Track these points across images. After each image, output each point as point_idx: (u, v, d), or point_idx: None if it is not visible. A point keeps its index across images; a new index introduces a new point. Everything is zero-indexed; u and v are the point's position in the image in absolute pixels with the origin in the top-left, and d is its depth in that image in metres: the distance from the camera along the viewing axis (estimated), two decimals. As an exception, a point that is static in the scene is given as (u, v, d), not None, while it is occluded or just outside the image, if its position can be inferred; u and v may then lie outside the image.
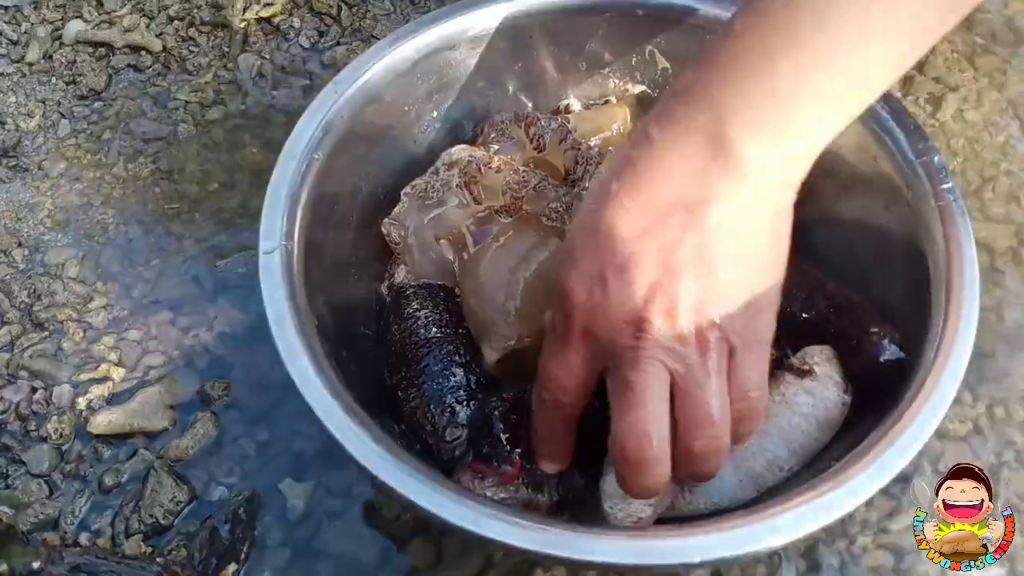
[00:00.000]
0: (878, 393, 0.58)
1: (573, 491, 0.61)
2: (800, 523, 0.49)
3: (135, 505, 0.66)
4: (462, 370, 0.63)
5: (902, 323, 0.60)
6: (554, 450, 0.57)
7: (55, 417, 0.70)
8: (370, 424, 0.53)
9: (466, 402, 0.61)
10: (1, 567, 0.54)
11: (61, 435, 0.70)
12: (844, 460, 0.52)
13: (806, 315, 0.62)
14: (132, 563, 0.60)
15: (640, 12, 0.72)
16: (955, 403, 0.69)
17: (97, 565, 0.59)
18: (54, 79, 0.92)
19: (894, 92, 0.85)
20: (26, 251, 0.80)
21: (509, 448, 0.58)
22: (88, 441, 0.70)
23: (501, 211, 0.68)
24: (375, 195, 0.71)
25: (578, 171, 0.71)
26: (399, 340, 0.65)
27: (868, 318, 0.61)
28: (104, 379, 0.73)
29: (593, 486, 0.59)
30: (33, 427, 0.70)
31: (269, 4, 0.96)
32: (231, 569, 0.63)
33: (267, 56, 0.92)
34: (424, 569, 0.64)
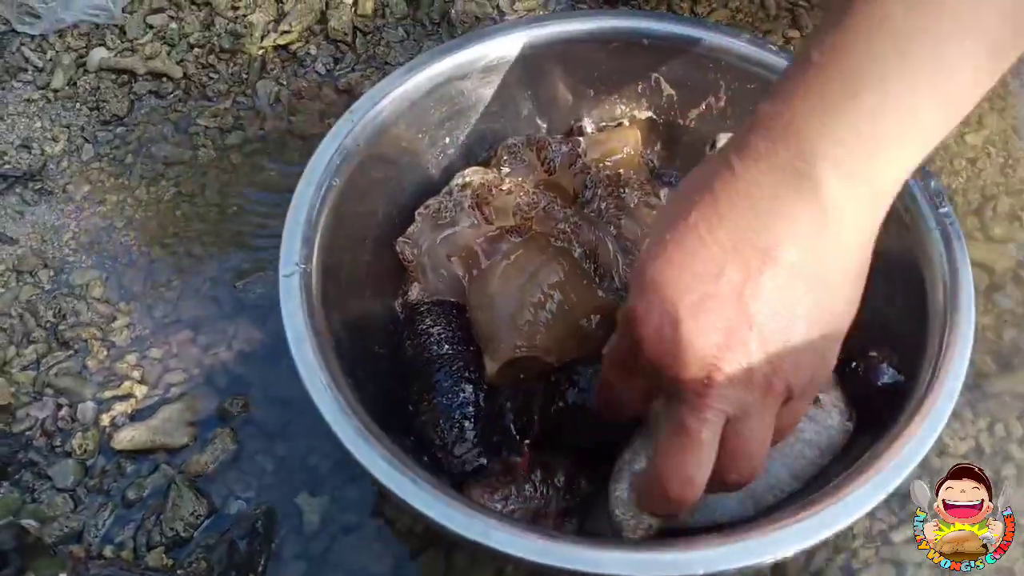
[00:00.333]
0: (875, 414, 0.59)
1: (580, 498, 0.62)
2: (800, 537, 0.50)
3: (156, 519, 0.67)
4: (472, 386, 0.64)
5: (900, 344, 0.61)
6: (612, 414, 0.57)
7: (79, 433, 0.72)
8: (384, 440, 0.55)
9: (475, 418, 0.62)
10: (30, 578, 0.56)
11: (85, 451, 0.71)
12: (842, 477, 0.54)
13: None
14: (154, 575, 0.62)
15: (645, 41, 0.74)
16: (955, 420, 0.72)
17: (121, 576, 0.60)
18: (78, 105, 0.94)
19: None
20: (51, 272, 0.82)
21: (519, 439, 0.60)
22: (111, 456, 0.71)
23: (511, 231, 0.70)
24: (390, 217, 0.72)
25: (587, 194, 0.73)
26: (412, 355, 0.66)
27: (867, 341, 0.61)
28: (127, 396, 0.74)
29: (599, 493, 0.61)
30: (58, 443, 0.72)
31: (286, 32, 0.97)
32: (249, 581, 0.64)
33: (284, 82, 0.94)
34: (436, 581, 0.65)
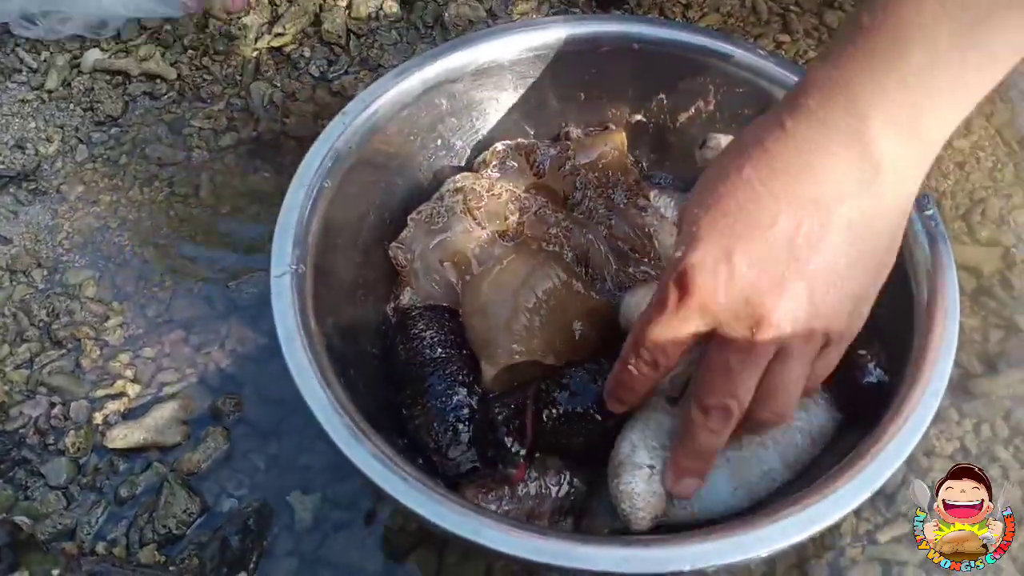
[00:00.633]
0: (863, 409, 0.60)
1: (574, 498, 0.62)
2: (787, 533, 0.51)
3: (149, 516, 0.68)
4: (465, 389, 0.64)
5: (887, 343, 0.62)
6: (627, 397, 0.58)
7: (72, 431, 0.72)
8: (375, 438, 0.55)
9: (468, 421, 0.62)
10: (23, 574, 0.56)
11: (78, 449, 0.72)
12: (829, 474, 0.54)
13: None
14: (147, 571, 0.62)
15: (636, 46, 0.74)
16: (942, 421, 0.72)
17: (113, 573, 0.61)
18: (72, 106, 0.94)
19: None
20: (45, 271, 0.83)
21: (514, 451, 0.60)
22: (104, 455, 0.72)
23: (503, 235, 0.70)
24: (382, 220, 0.73)
25: (576, 195, 0.73)
26: (405, 359, 0.67)
27: (856, 340, 0.62)
28: (120, 395, 0.75)
29: (593, 492, 0.62)
30: (51, 441, 0.72)
31: (280, 34, 0.98)
32: (241, 577, 0.65)
33: (278, 84, 0.94)
34: (426, 578, 0.66)
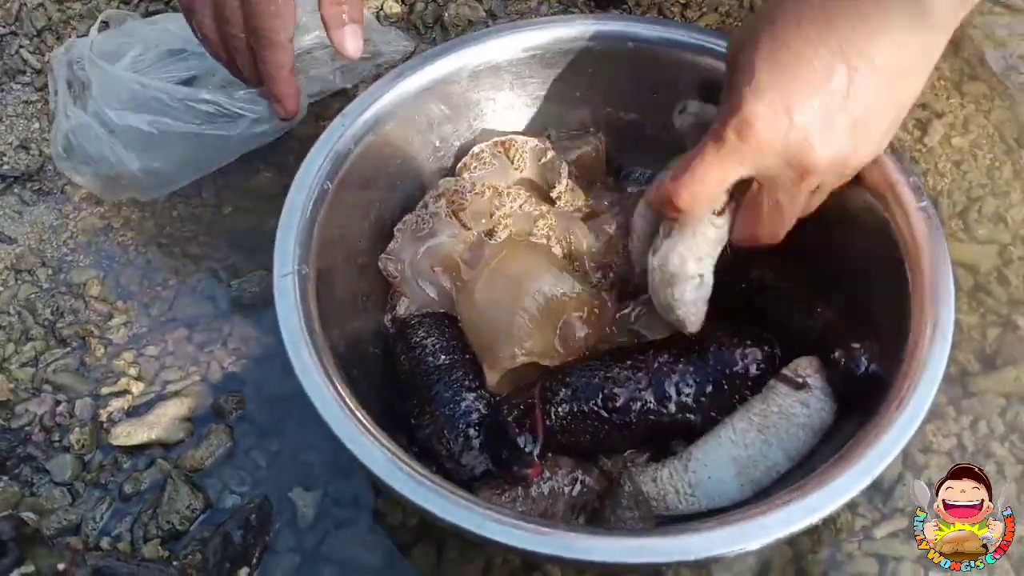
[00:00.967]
0: (860, 399, 0.60)
1: (586, 496, 0.63)
2: (790, 521, 0.52)
3: (153, 512, 0.68)
4: (472, 394, 0.64)
5: (883, 333, 0.62)
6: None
7: (77, 428, 0.73)
8: (379, 434, 0.56)
9: (478, 425, 0.63)
10: (29, 568, 0.57)
11: (83, 446, 0.73)
12: (826, 465, 0.55)
13: (795, 323, 0.64)
14: (151, 566, 0.63)
15: (631, 44, 0.75)
16: (939, 418, 0.73)
17: (118, 567, 0.61)
18: (77, 107, 0.95)
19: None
20: (50, 271, 0.84)
21: (528, 450, 0.60)
22: (108, 451, 0.73)
23: (490, 234, 0.71)
24: (382, 220, 0.73)
25: (558, 188, 0.74)
26: (408, 369, 0.67)
27: (852, 331, 0.62)
28: (124, 393, 0.76)
29: (606, 489, 0.63)
30: (56, 438, 0.73)
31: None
32: (243, 572, 0.65)
33: (280, 85, 0.95)
34: (426, 573, 0.66)
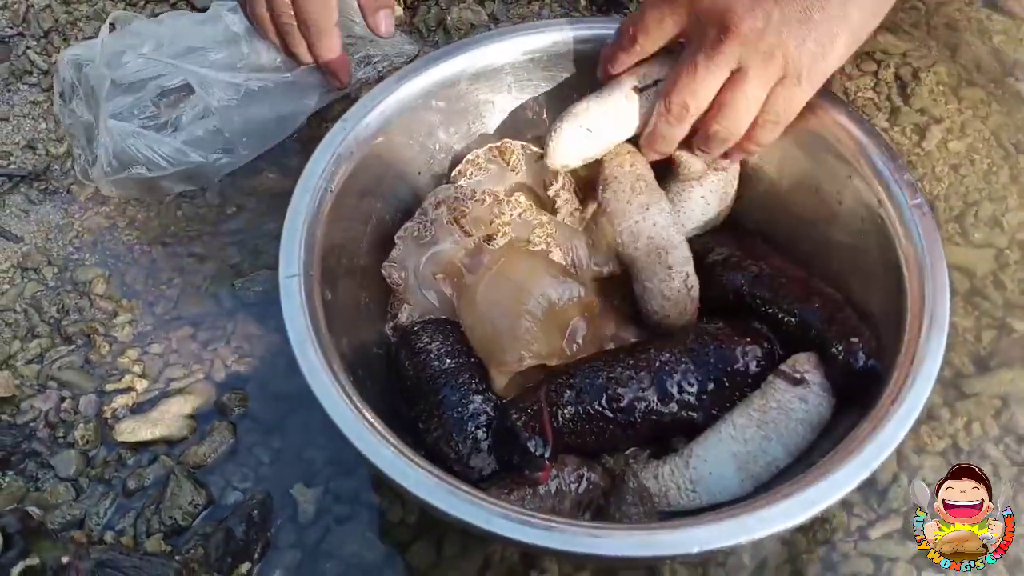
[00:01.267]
0: (857, 394, 0.61)
1: (593, 493, 0.64)
2: (790, 514, 0.53)
3: (156, 507, 0.69)
4: (480, 397, 0.65)
5: (879, 329, 0.63)
6: (664, 148, 0.70)
7: (82, 425, 0.74)
8: (387, 433, 0.56)
9: (486, 428, 0.63)
10: (34, 560, 0.58)
11: (87, 442, 0.73)
12: (824, 459, 0.56)
13: (794, 319, 0.65)
14: (153, 559, 0.64)
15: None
16: (934, 419, 0.73)
17: (121, 561, 0.62)
18: (83, 107, 0.95)
19: (876, 122, 0.88)
20: (55, 269, 0.84)
21: (538, 454, 0.61)
22: (112, 448, 0.73)
23: (489, 240, 0.71)
24: (382, 224, 0.74)
25: (555, 186, 0.74)
26: (414, 374, 0.67)
27: (850, 326, 0.63)
28: (128, 390, 0.77)
29: (612, 486, 0.64)
30: (61, 434, 0.74)
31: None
32: (245, 567, 0.66)
33: (284, 86, 0.96)
34: (425, 569, 0.67)
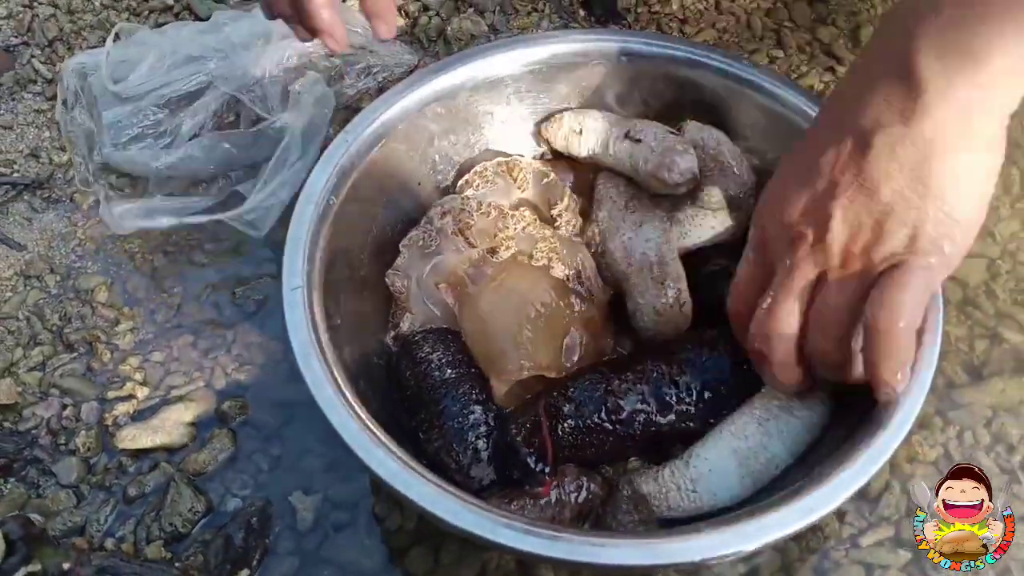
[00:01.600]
0: (854, 392, 0.61)
1: (592, 503, 0.64)
2: (786, 522, 0.54)
3: (156, 514, 0.70)
4: (480, 407, 0.65)
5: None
6: (792, 377, 0.60)
7: (83, 432, 0.75)
8: (391, 444, 0.57)
9: (487, 438, 0.64)
10: (36, 567, 0.58)
11: (89, 449, 0.74)
12: (821, 467, 0.56)
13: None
14: (153, 566, 0.64)
15: (624, 59, 0.76)
16: (926, 429, 0.74)
17: (121, 567, 0.63)
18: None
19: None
20: (58, 277, 0.85)
21: (538, 469, 0.62)
22: (114, 455, 0.74)
23: (493, 252, 0.72)
24: (385, 233, 0.75)
25: (559, 206, 0.75)
26: (415, 384, 0.68)
27: None
28: (129, 397, 0.77)
29: (610, 495, 0.64)
30: (63, 441, 0.75)
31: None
32: (244, 574, 0.67)
33: (285, 96, 0.96)
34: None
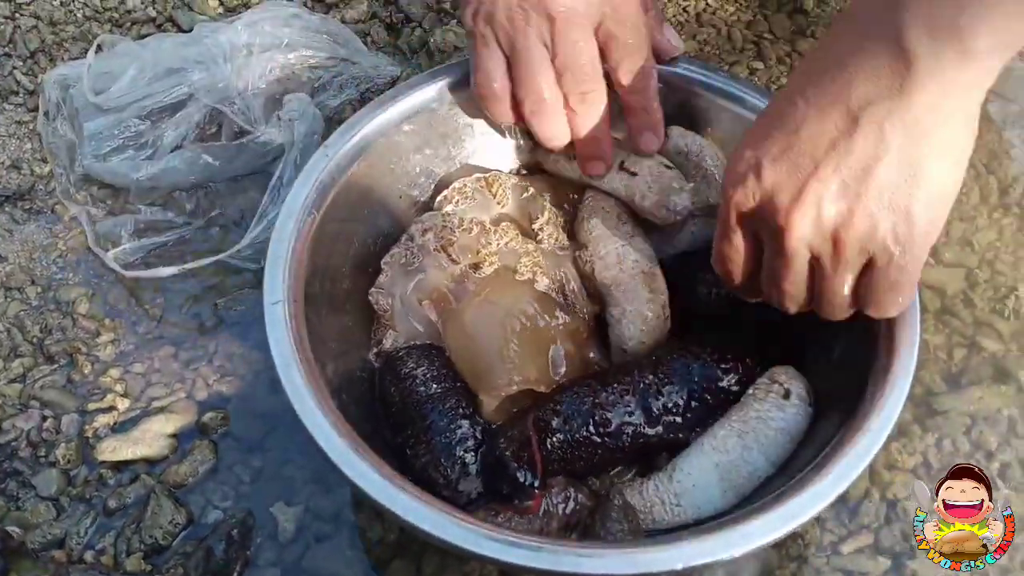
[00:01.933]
0: (833, 392, 0.63)
1: (580, 513, 0.64)
2: (769, 529, 0.54)
3: (136, 527, 0.70)
4: (467, 422, 0.65)
5: (851, 348, 0.64)
6: (734, 277, 0.62)
7: (63, 444, 0.74)
8: (373, 457, 0.57)
9: (475, 451, 0.64)
10: (14, 580, 0.58)
11: (69, 461, 0.74)
12: (802, 474, 0.57)
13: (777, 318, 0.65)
14: (133, 579, 0.64)
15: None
16: (904, 436, 0.75)
17: (101, 580, 0.63)
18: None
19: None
20: (39, 289, 0.85)
21: (527, 484, 0.62)
22: (94, 467, 0.74)
23: (476, 268, 0.72)
24: (366, 246, 0.74)
25: (540, 221, 0.75)
26: (400, 400, 0.67)
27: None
28: (110, 409, 0.77)
29: (598, 506, 0.64)
30: (43, 453, 0.75)
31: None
32: (225, 586, 0.67)
33: (268, 107, 0.96)
34: (404, 587, 0.68)
